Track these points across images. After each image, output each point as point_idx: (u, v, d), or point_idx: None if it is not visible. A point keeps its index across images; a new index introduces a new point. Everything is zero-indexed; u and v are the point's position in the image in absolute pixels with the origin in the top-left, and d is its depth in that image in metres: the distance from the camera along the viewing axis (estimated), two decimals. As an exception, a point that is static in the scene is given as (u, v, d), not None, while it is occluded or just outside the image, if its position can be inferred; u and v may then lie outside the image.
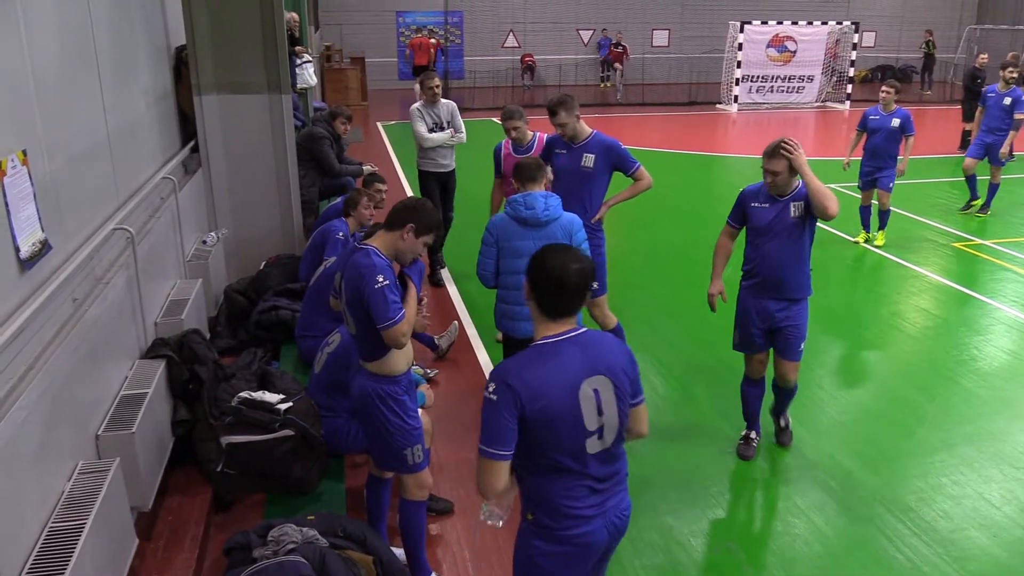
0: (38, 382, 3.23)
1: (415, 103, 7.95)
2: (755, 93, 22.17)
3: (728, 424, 5.66)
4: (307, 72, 11.81)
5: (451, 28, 25.83)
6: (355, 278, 3.54)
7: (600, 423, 2.72)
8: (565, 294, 2.71)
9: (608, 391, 2.73)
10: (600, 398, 2.71)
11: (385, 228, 3.69)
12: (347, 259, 3.68)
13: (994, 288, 8.43)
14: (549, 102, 5.71)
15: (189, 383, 4.76)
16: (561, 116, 5.62)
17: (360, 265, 3.56)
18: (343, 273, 3.67)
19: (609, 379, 2.74)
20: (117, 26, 5.04)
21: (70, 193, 3.94)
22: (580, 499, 2.75)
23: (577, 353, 2.71)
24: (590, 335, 2.80)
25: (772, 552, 4.42)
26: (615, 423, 2.76)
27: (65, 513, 3.30)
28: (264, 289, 6.39)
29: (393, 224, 3.65)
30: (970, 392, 6.21)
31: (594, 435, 2.72)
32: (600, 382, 2.72)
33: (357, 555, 3.65)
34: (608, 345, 2.82)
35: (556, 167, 5.86)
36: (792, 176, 4.70)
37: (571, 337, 2.74)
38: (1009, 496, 4.90)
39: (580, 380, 2.68)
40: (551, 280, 2.71)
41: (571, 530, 2.76)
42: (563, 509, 2.74)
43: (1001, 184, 11.15)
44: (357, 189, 6.74)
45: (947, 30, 29.33)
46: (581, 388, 2.68)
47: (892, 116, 9.31)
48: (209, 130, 6.70)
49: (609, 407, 2.74)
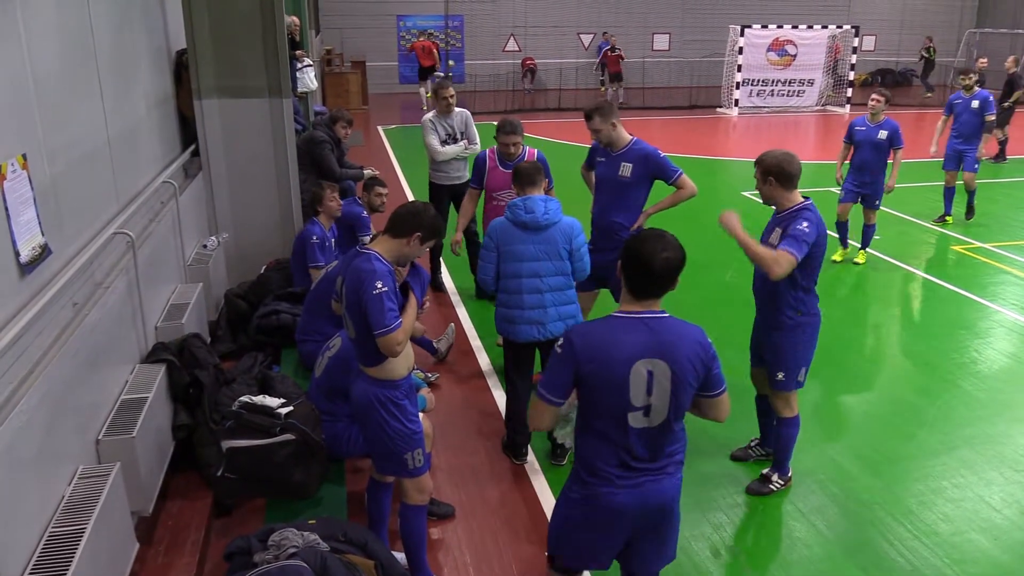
0: (38, 387, 3.23)
1: (427, 114, 7.70)
2: (756, 97, 22.17)
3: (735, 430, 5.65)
4: (308, 76, 11.82)
5: (452, 32, 25.86)
6: (355, 283, 3.54)
7: (647, 402, 2.92)
8: (650, 277, 2.93)
9: (664, 377, 2.91)
10: (652, 380, 2.90)
11: (389, 234, 3.66)
12: (349, 263, 3.69)
13: (993, 291, 8.43)
14: (586, 108, 5.62)
15: (190, 387, 4.76)
16: (595, 122, 5.51)
17: (361, 270, 3.55)
18: (345, 277, 3.67)
19: (669, 366, 2.90)
20: (117, 29, 5.05)
21: (70, 197, 3.95)
22: (612, 466, 3.01)
23: (644, 333, 2.93)
24: (668, 322, 2.98)
25: (773, 555, 4.42)
26: (664, 408, 2.94)
27: (65, 518, 3.29)
28: (265, 293, 6.39)
29: (398, 231, 3.64)
30: (970, 395, 6.21)
31: (639, 411, 2.93)
32: (657, 365, 2.90)
33: (358, 559, 3.64)
34: (682, 335, 2.96)
35: (597, 175, 5.79)
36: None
37: (645, 318, 2.96)
38: (1010, 499, 4.90)
39: (636, 357, 2.90)
40: (641, 262, 2.92)
41: (597, 487, 3.04)
42: (596, 468, 3.03)
43: (983, 187, 11.10)
44: (320, 184, 6.66)
45: (946, 34, 29.36)
46: (635, 365, 2.89)
47: (880, 127, 8.74)
48: (210, 134, 6.70)
49: (661, 391, 2.92)
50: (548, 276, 4.85)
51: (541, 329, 4.86)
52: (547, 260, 4.84)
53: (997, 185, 13.47)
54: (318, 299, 5.38)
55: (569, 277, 4.95)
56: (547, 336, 4.91)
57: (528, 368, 5.13)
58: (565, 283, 4.92)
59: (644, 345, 2.90)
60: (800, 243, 4.30)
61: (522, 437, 5.21)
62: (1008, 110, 14.90)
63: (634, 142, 5.58)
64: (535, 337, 4.92)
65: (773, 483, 4.95)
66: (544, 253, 4.83)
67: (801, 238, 4.30)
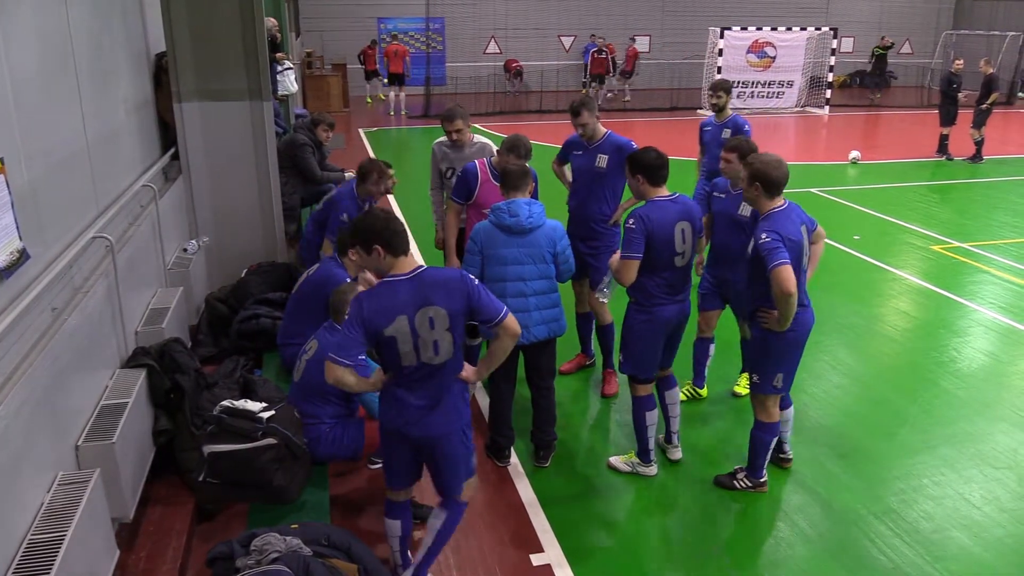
0: (17, 392, 3.20)
1: (442, 138, 6.38)
2: (736, 99, 22.27)
3: (722, 438, 5.68)
4: (288, 79, 11.77)
5: (432, 34, 25.83)
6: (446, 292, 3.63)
7: (683, 249, 4.67)
8: (662, 169, 4.68)
9: (689, 231, 4.69)
10: (684, 235, 4.66)
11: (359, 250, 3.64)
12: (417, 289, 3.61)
13: (972, 290, 8.51)
14: (572, 103, 5.85)
15: (170, 392, 4.73)
16: (584, 116, 5.77)
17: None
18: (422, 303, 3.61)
19: (691, 224, 4.69)
20: (96, 34, 5.01)
21: (49, 202, 3.91)
22: (661, 290, 4.72)
23: (677, 207, 4.68)
24: (684, 198, 4.76)
25: (757, 555, 4.44)
26: (689, 252, 4.74)
27: (45, 525, 3.26)
28: (245, 297, 6.35)
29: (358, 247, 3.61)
30: (950, 394, 6.26)
31: (679, 255, 4.68)
32: (687, 225, 4.66)
33: (342, 564, 3.63)
34: (693, 203, 4.77)
35: (574, 167, 6.04)
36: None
37: (675, 198, 4.72)
38: (989, 496, 4.95)
39: (676, 221, 4.63)
40: (653, 162, 4.66)
41: (653, 307, 4.74)
42: (650, 291, 4.72)
43: (961, 188, 11.20)
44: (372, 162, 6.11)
45: (924, 36, 29.68)
46: (676, 225, 4.62)
47: (724, 126, 7.54)
48: (189, 138, 6.65)
49: (688, 241, 4.70)
50: (532, 280, 4.85)
51: (525, 333, 4.84)
52: (531, 264, 4.83)
53: (975, 185, 13.64)
54: (300, 303, 5.36)
55: (553, 280, 4.94)
56: (531, 340, 4.89)
57: (512, 371, 5.11)
58: (549, 287, 4.92)
59: (679, 214, 4.64)
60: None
61: (505, 439, 5.21)
62: (985, 111, 15.08)
63: (609, 134, 5.88)
64: (519, 341, 4.88)
65: (739, 481, 4.98)
66: (528, 257, 4.83)
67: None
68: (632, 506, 4.87)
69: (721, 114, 7.66)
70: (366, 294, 3.53)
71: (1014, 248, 9.94)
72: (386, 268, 3.54)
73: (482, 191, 5.76)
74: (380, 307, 3.48)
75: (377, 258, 3.51)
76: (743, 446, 5.21)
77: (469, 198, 5.82)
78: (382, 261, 3.52)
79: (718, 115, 7.69)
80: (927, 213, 11.67)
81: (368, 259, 3.56)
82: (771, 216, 4.45)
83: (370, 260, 3.55)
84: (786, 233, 4.35)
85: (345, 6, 25.24)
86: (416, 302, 3.50)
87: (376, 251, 3.49)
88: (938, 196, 12.94)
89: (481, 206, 5.63)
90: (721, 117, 7.65)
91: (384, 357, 3.60)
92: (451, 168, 6.25)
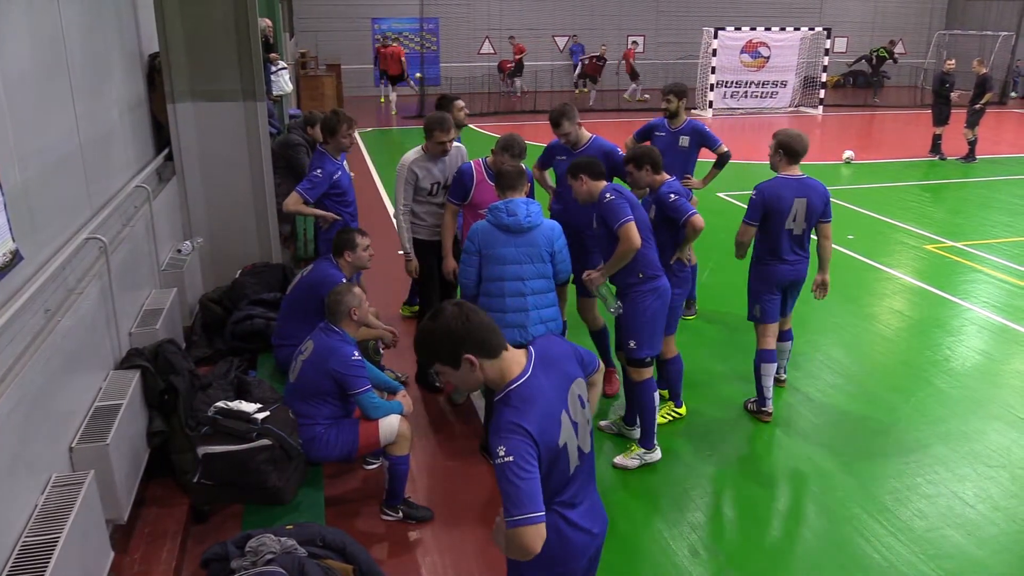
0: (10, 394, 3.19)
1: (410, 155, 5.98)
2: (729, 99, 22.35)
3: (718, 437, 5.69)
4: (283, 79, 11.75)
5: (427, 35, 25.81)
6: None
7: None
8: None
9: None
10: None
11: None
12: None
13: (965, 289, 8.54)
14: (552, 114, 5.83)
15: (165, 394, 4.71)
16: (565, 127, 5.80)
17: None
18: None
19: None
20: (89, 34, 5.00)
21: (42, 203, 3.90)
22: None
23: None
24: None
25: (752, 554, 4.45)
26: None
27: (38, 527, 3.25)
28: (239, 298, 6.34)
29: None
30: (943, 392, 6.28)
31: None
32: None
33: (337, 564, 3.62)
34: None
35: (559, 172, 5.97)
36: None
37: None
38: (983, 494, 4.97)
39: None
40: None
41: (659, 280, 5.03)
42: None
43: (953, 188, 11.25)
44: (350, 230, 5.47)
45: (916, 36, 29.76)
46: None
47: (680, 132, 7.12)
48: (183, 138, 6.64)
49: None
50: (530, 279, 4.84)
51: (522, 332, 4.84)
52: (529, 263, 4.82)
53: (968, 185, 13.68)
54: (295, 304, 5.35)
55: (550, 280, 4.93)
56: (528, 339, 4.87)
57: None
58: (547, 286, 4.91)
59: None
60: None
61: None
62: (979, 111, 15.13)
63: (594, 139, 5.90)
64: (517, 340, 4.86)
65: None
66: (527, 256, 4.82)
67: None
68: (628, 504, 4.88)
69: (675, 120, 7.13)
70: (512, 411, 2.47)
71: (1007, 247, 9.98)
72: (493, 378, 2.56)
73: (478, 191, 5.77)
74: (541, 411, 2.51)
75: (472, 371, 2.54)
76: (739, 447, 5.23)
77: (465, 198, 5.81)
78: (481, 372, 2.55)
79: (671, 120, 7.13)
80: (920, 212, 11.71)
81: (458, 375, 2.57)
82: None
83: (463, 376, 2.57)
84: (768, 193, 5.52)
85: (339, 7, 25.22)
86: (559, 386, 2.63)
87: (468, 361, 2.52)
88: (931, 196, 12.98)
89: (477, 206, 5.64)
90: (675, 123, 7.12)
91: (551, 479, 2.57)
92: (436, 183, 5.94)
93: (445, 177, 5.97)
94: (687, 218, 5.22)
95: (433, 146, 5.84)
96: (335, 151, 6.07)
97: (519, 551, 2.34)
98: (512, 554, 2.38)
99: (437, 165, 5.93)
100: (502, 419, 2.46)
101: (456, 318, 2.50)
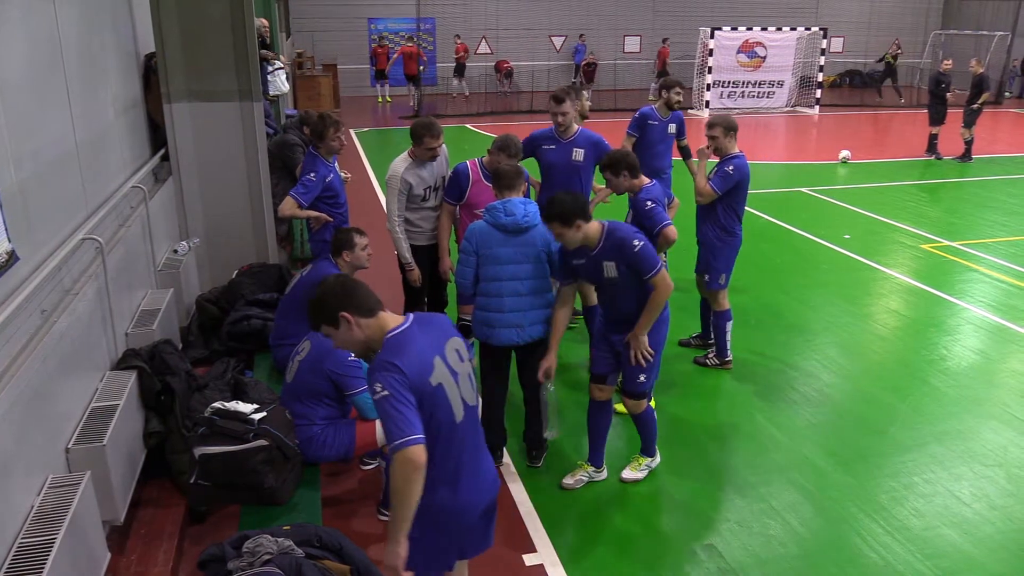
0: (6, 395, 3.18)
1: (399, 165, 5.84)
2: (726, 98, 22.37)
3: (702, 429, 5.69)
4: (279, 79, 11.73)
5: (423, 35, 25.81)
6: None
7: None
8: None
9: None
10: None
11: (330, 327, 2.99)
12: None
13: (962, 289, 8.55)
14: (558, 91, 6.00)
15: (161, 394, 4.71)
16: (566, 105, 5.90)
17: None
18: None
19: None
20: (85, 35, 4.99)
21: (38, 203, 3.90)
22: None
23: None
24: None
25: (748, 554, 4.45)
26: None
27: (35, 528, 3.25)
28: (236, 298, 6.33)
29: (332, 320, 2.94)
30: (940, 391, 6.29)
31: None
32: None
33: (334, 565, 3.62)
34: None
35: (546, 161, 6.02)
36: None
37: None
38: (979, 493, 4.97)
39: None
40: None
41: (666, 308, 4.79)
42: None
43: (950, 187, 11.26)
44: (349, 231, 5.28)
45: (913, 36, 29.80)
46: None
47: (669, 121, 7.73)
48: (180, 138, 6.63)
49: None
50: (528, 279, 4.83)
51: (520, 332, 4.83)
52: (527, 263, 4.81)
53: (964, 184, 13.70)
54: (292, 304, 5.34)
55: (547, 280, 4.92)
56: (526, 340, 4.87)
57: (505, 372, 5.10)
58: (544, 286, 4.90)
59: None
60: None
61: (497, 440, 5.20)
62: (976, 111, 15.16)
63: (581, 130, 6.03)
64: (514, 341, 4.88)
65: (709, 359, 6.59)
66: (524, 256, 4.81)
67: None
68: (624, 505, 4.88)
69: (668, 110, 7.74)
70: (387, 352, 2.80)
71: (1003, 247, 10.00)
72: (372, 335, 2.89)
73: (473, 191, 5.78)
74: (414, 353, 2.81)
75: (350, 328, 2.87)
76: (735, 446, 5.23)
77: (461, 198, 5.82)
78: (359, 329, 2.88)
79: (664, 111, 7.70)
80: (917, 212, 11.72)
81: (339, 334, 2.90)
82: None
83: (344, 335, 2.90)
84: (745, 168, 6.10)
85: (336, 6, 25.21)
86: (435, 338, 2.93)
87: (344, 319, 2.86)
88: (928, 195, 13.00)
89: (473, 206, 5.65)
90: (666, 113, 7.73)
91: (433, 420, 2.84)
92: (428, 188, 5.87)
93: (435, 180, 5.92)
94: (661, 228, 5.26)
95: (423, 152, 5.75)
96: (327, 154, 6.09)
97: (406, 470, 2.63)
98: (402, 480, 2.65)
99: (426, 170, 5.86)
100: (378, 360, 2.79)
101: (335, 284, 2.92)
